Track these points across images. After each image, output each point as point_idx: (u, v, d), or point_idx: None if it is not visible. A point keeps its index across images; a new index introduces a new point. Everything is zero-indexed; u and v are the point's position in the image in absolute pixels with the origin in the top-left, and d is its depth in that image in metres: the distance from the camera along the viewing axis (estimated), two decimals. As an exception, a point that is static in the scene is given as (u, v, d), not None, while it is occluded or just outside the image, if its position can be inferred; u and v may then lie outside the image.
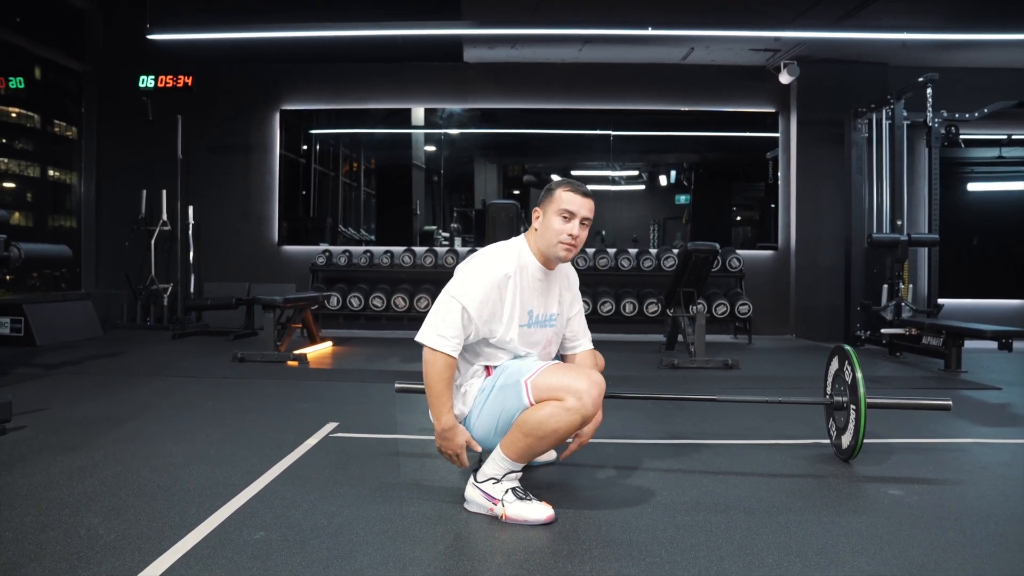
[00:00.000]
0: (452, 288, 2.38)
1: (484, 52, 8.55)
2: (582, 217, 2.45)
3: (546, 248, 2.47)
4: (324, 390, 4.76)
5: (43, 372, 5.26)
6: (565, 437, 2.31)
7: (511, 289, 2.41)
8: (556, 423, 2.26)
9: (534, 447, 2.31)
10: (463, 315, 2.33)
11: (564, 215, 2.43)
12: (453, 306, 2.33)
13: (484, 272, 2.39)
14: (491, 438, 2.42)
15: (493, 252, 2.50)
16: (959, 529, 2.31)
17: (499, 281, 2.38)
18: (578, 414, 2.26)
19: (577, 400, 2.25)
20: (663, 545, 2.14)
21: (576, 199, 2.44)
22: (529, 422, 2.28)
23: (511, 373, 2.39)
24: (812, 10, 7.40)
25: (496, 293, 2.38)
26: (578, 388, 2.26)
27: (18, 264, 4.47)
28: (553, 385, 2.29)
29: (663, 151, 10.00)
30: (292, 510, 2.40)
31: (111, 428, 3.52)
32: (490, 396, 2.40)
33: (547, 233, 2.45)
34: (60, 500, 2.46)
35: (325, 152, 9.79)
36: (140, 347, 6.77)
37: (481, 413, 2.42)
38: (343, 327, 8.65)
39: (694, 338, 6.10)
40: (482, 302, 2.35)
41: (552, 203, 2.46)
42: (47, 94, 9.06)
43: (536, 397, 2.30)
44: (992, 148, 9.29)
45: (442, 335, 2.32)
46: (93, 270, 8.99)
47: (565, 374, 2.33)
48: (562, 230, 2.42)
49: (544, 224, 2.47)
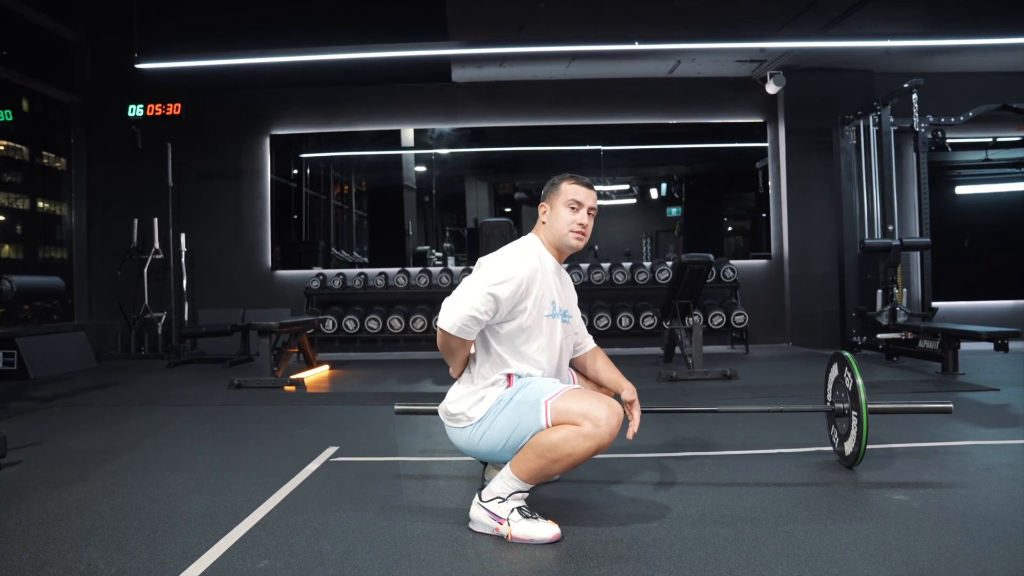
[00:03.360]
0: (484, 278, 2.35)
1: (472, 71, 8.60)
2: (589, 207, 2.55)
3: (558, 240, 2.54)
4: (323, 414, 4.73)
5: (37, 405, 5.21)
6: (579, 463, 2.28)
7: (538, 282, 2.44)
8: (571, 447, 2.24)
9: (546, 469, 2.29)
10: (495, 304, 2.33)
11: (572, 205, 2.52)
12: (485, 298, 2.31)
13: (514, 264, 2.40)
14: (499, 451, 2.40)
15: (517, 248, 2.52)
16: (966, 532, 2.30)
17: (530, 274, 2.40)
18: (593, 440, 2.23)
19: (594, 427, 2.23)
20: (671, 560, 2.12)
21: (582, 190, 2.54)
22: (543, 443, 2.26)
23: (532, 390, 2.36)
24: (796, 20, 7.48)
25: (525, 285, 2.39)
26: (597, 416, 2.24)
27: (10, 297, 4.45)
28: (573, 409, 2.26)
29: (653, 164, 10.05)
30: (295, 537, 2.38)
31: (108, 460, 3.49)
32: (507, 407, 2.36)
33: (557, 224, 2.53)
34: (59, 535, 2.43)
35: (316, 176, 9.81)
36: (135, 377, 6.73)
37: (495, 423, 2.38)
38: (339, 350, 8.63)
39: (692, 350, 6.10)
40: (513, 292, 2.36)
41: (559, 196, 2.55)
42: (35, 126, 9.06)
43: (554, 420, 2.27)
44: (979, 151, 9.38)
45: (466, 325, 2.31)
46: (86, 301, 8.95)
47: (586, 400, 2.30)
48: (572, 220, 2.52)
49: (553, 216, 2.55)
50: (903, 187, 8.38)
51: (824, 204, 8.46)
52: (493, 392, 2.42)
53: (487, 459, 2.48)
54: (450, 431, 2.52)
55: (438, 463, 3.38)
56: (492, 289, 2.32)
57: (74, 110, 8.99)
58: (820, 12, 7.28)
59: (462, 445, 2.51)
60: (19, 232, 8.87)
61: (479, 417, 2.41)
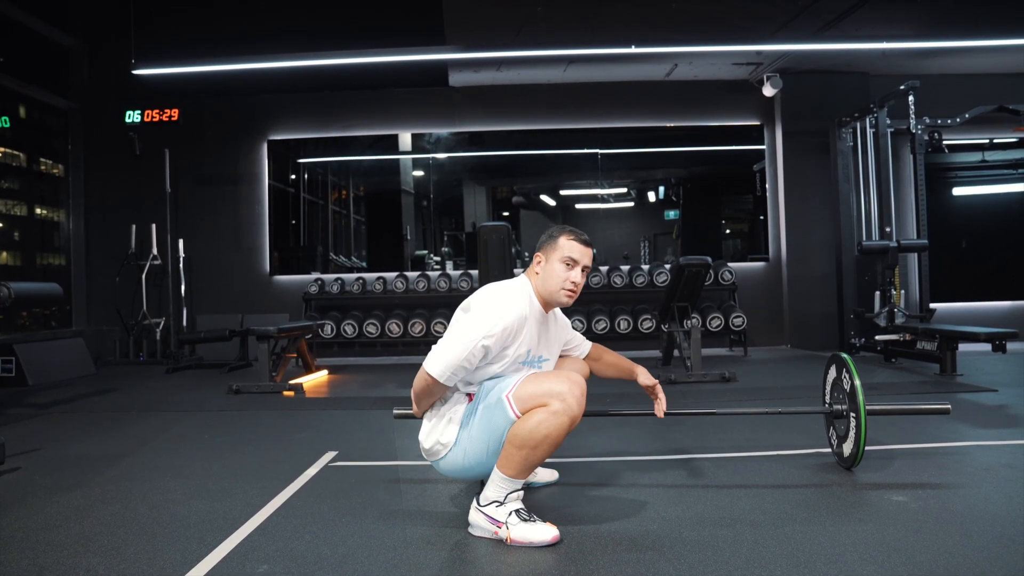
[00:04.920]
0: (476, 327, 2.36)
1: (469, 76, 8.61)
2: (584, 265, 2.54)
3: (549, 294, 2.53)
4: (321, 419, 4.73)
5: (36, 412, 5.20)
6: (558, 442, 2.31)
7: (525, 330, 2.45)
8: (547, 429, 2.26)
9: (529, 458, 2.30)
10: (485, 354, 2.36)
11: (568, 262, 2.51)
12: (476, 348, 2.33)
13: (505, 312, 2.39)
14: (485, 460, 2.42)
15: (508, 291, 2.52)
16: (965, 533, 2.30)
17: (519, 322, 2.41)
18: (565, 416, 2.26)
19: (561, 402, 2.26)
20: (670, 561, 2.13)
21: (578, 247, 2.53)
22: (520, 434, 2.28)
23: (492, 393, 2.40)
24: (792, 23, 7.50)
25: (512, 333, 2.40)
26: (560, 391, 2.27)
27: (8, 304, 4.44)
28: (535, 393, 2.30)
29: (651, 167, 10.06)
30: (295, 541, 2.38)
31: (107, 466, 3.48)
32: (476, 419, 2.40)
33: (550, 280, 2.52)
34: (58, 541, 2.43)
35: (314, 181, 9.81)
36: (134, 383, 6.72)
37: (471, 437, 2.41)
38: (338, 355, 8.62)
39: (690, 352, 6.10)
40: (502, 342, 2.38)
41: (556, 250, 2.53)
42: (33, 132, 9.06)
43: (521, 409, 2.30)
44: (975, 152, 9.39)
45: (455, 374, 2.35)
46: (84, 307, 8.94)
47: (544, 380, 2.33)
48: (566, 277, 2.50)
49: (547, 270, 2.53)
50: (900, 189, 8.40)
51: (821, 206, 8.46)
52: (457, 410, 2.46)
53: (477, 475, 2.50)
54: (436, 467, 2.56)
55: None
56: (484, 341, 2.34)
57: (71, 116, 9.00)
58: (816, 15, 7.30)
59: (454, 472, 2.53)
60: (17, 238, 8.86)
61: (453, 439, 2.44)
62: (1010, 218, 9.29)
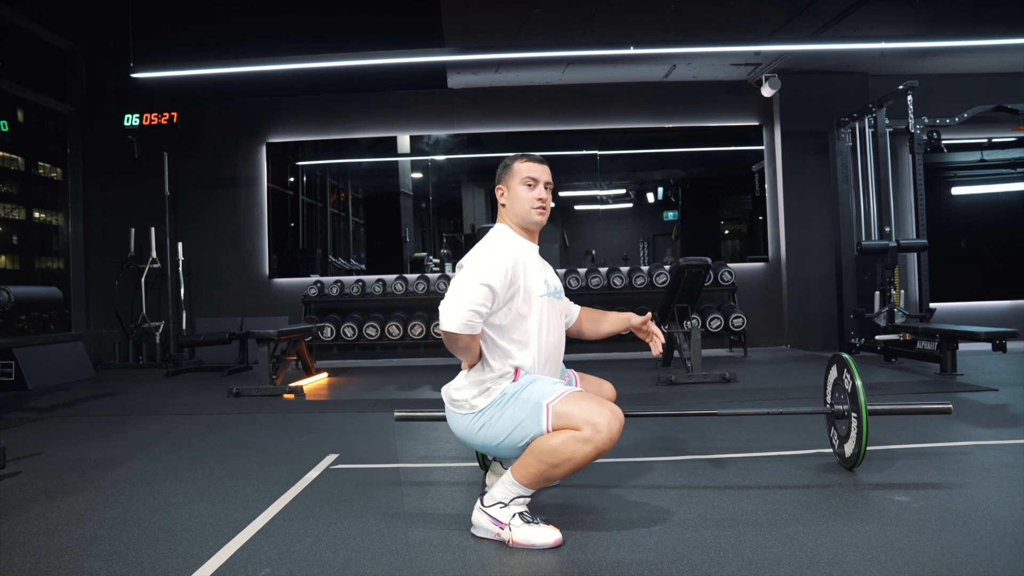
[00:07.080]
0: (472, 274, 2.34)
1: (468, 77, 8.62)
2: (544, 181, 2.58)
3: (522, 219, 2.56)
4: (322, 422, 4.72)
5: (36, 416, 5.20)
6: (579, 467, 2.26)
7: (523, 265, 2.46)
8: (571, 452, 2.22)
9: (546, 474, 2.28)
10: (491, 294, 2.33)
11: (528, 183, 2.55)
12: (481, 291, 2.31)
13: (497, 253, 2.40)
14: (495, 446, 2.40)
15: (492, 240, 2.52)
16: (967, 533, 2.30)
17: (514, 258, 2.42)
18: (593, 445, 2.21)
19: (595, 432, 2.21)
20: (673, 563, 2.12)
21: (536, 167, 2.58)
22: (543, 448, 2.25)
23: (535, 391, 2.35)
24: (790, 23, 7.51)
25: (512, 269, 2.40)
26: (598, 421, 2.22)
27: (7, 308, 4.44)
28: (574, 414, 2.25)
29: (650, 168, 10.06)
30: (297, 545, 2.37)
31: (108, 470, 3.48)
32: (510, 404, 2.36)
33: (518, 203, 2.55)
34: (59, 546, 2.42)
35: (312, 183, 9.80)
36: (134, 386, 6.71)
37: (496, 418, 2.37)
38: (338, 358, 8.62)
39: (690, 353, 6.10)
40: (503, 279, 2.36)
41: (513, 176, 2.57)
42: (31, 136, 9.05)
43: (555, 424, 2.26)
44: (974, 152, 9.40)
45: (468, 322, 2.31)
46: (83, 311, 8.93)
47: (588, 404, 2.27)
48: (531, 197, 2.54)
49: (512, 197, 2.57)
50: (899, 189, 8.41)
51: (821, 206, 8.47)
52: (499, 385, 2.41)
53: (480, 450, 2.49)
54: (450, 415, 2.52)
55: (438, 469, 3.37)
56: (484, 280, 2.32)
57: (70, 120, 8.99)
58: (815, 15, 7.31)
59: (459, 432, 2.50)
60: (15, 242, 8.85)
61: (482, 407, 2.40)
62: (1009, 217, 9.30)
